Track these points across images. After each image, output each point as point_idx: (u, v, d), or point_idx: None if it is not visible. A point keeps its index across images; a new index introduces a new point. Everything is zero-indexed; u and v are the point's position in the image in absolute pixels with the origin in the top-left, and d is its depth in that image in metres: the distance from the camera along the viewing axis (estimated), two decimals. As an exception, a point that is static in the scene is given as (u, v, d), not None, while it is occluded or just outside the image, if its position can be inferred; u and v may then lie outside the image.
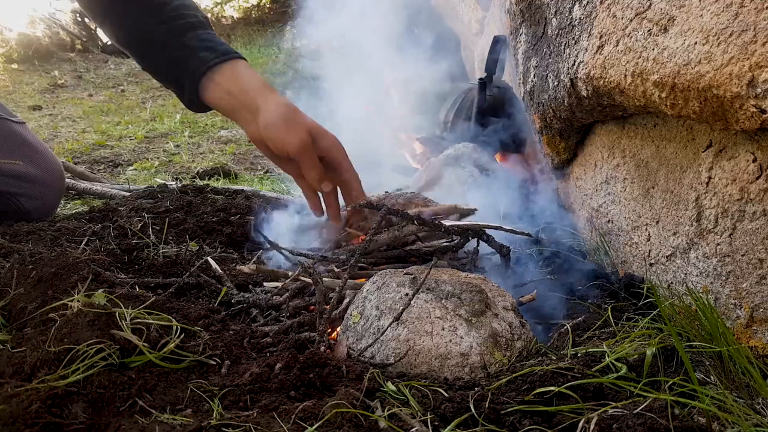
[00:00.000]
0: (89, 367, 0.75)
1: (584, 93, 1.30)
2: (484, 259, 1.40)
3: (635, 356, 0.86)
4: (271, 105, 1.06)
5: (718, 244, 0.96)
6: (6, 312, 0.98)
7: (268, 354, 0.90)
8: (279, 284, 1.23)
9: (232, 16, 9.36)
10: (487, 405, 0.75)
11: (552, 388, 0.78)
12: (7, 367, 0.77)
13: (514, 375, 0.84)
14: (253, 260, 1.46)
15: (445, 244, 1.37)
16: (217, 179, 2.80)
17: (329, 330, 1.04)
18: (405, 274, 1.08)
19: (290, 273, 1.26)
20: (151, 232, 1.54)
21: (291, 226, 1.55)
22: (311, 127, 1.08)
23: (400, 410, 0.74)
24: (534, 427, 0.72)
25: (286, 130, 1.03)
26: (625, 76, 1.07)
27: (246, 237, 1.65)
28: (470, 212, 1.48)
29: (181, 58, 1.09)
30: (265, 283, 1.26)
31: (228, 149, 3.70)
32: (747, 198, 0.89)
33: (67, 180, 2.15)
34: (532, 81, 1.80)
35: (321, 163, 1.10)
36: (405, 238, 1.34)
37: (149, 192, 2.00)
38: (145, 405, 0.72)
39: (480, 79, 2.37)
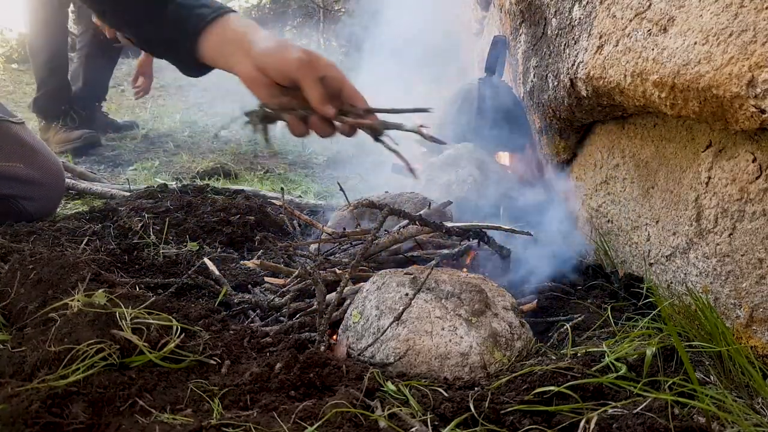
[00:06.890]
0: (89, 367, 0.75)
1: (584, 93, 1.30)
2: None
3: (635, 356, 0.86)
4: (263, 37, 1.06)
5: (717, 244, 0.96)
6: (6, 312, 0.98)
7: (268, 354, 0.90)
8: (281, 280, 1.22)
9: (232, 16, 9.35)
10: (486, 405, 0.75)
11: (552, 387, 0.78)
12: (7, 367, 0.77)
13: (513, 375, 0.84)
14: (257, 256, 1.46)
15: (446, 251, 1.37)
16: (217, 179, 2.80)
17: (329, 330, 1.04)
18: (405, 274, 1.08)
19: (293, 270, 1.26)
20: (151, 232, 1.54)
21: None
22: (307, 50, 1.08)
23: (400, 410, 0.74)
24: (534, 426, 0.72)
25: (284, 50, 1.03)
26: (625, 76, 1.07)
27: (246, 237, 1.66)
28: (447, 204, 1.48)
29: (178, 19, 1.10)
30: (266, 278, 1.26)
31: (228, 149, 3.69)
32: (747, 198, 0.89)
33: (67, 180, 2.14)
34: (532, 81, 1.81)
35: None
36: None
37: (149, 192, 2.00)
38: (145, 405, 0.72)
39: (480, 79, 2.37)
